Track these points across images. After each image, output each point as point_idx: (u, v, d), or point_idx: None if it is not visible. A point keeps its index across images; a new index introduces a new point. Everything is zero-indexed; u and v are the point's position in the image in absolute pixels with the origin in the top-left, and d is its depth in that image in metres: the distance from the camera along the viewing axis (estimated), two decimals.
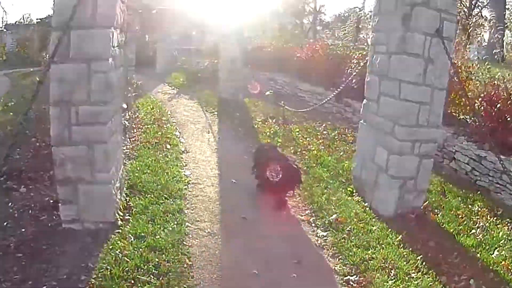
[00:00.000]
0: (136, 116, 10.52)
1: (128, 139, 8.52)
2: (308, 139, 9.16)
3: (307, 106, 12.66)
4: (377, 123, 6.05)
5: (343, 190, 6.54)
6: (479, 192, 6.74)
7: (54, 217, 4.88)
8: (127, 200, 5.57)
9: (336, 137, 9.41)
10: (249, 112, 11.90)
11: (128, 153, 7.55)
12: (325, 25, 55.42)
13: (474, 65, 9.56)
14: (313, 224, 5.48)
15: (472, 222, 5.80)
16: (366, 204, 6.07)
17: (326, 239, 5.10)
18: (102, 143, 4.53)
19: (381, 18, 6.07)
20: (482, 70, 9.40)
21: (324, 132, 9.81)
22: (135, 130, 9.22)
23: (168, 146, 8.11)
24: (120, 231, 4.79)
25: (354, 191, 6.53)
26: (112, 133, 4.73)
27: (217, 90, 14.41)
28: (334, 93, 8.57)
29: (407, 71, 5.45)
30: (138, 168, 6.66)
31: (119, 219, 5.01)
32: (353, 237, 5.06)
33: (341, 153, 8.27)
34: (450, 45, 5.60)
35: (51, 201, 5.17)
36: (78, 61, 4.28)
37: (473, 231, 5.53)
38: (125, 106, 11.19)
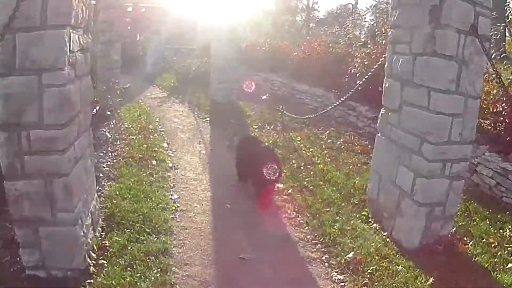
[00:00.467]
0: (120, 125, 9.53)
1: (110, 154, 7.55)
2: (311, 149, 8.21)
3: (306, 109, 11.84)
4: (398, 138, 5.11)
5: (357, 216, 5.61)
6: (508, 212, 5.83)
7: (19, 259, 3.92)
8: (103, 237, 4.60)
9: (342, 146, 8.47)
10: (245, 118, 10.94)
11: (108, 172, 6.58)
12: (318, 22, 54.92)
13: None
14: (326, 264, 4.53)
15: (506, 252, 4.89)
16: (385, 233, 5.14)
17: (344, 285, 4.16)
18: (62, 176, 3.55)
19: (402, 12, 5.12)
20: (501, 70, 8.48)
21: (329, 140, 8.87)
22: (118, 142, 8.24)
23: (154, 162, 7.14)
24: (91, 281, 3.84)
25: (369, 215, 5.61)
26: (75, 162, 3.76)
27: (210, 92, 13.43)
28: (342, 99, 7.58)
29: (437, 77, 4.51)
30: (118, 192, 5.69)
31: (91, 264, 4.06)
32: (376, 283, 4.12)
33: (350, 167, 7.34)
34: (486, 45, 4.66)
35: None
36: (26, 72, 3.30)
37: (510, 264, 4.62)
38: (109, 113, 10.25)
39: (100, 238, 4.54)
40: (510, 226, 5.47)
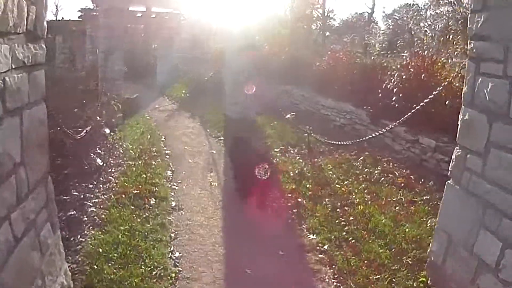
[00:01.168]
0: (119, 146, 8.19)
1: (100, 186, 6.19)
2: (346, 182, 6.76)
3: (333, 127, 10.50)
4: (482, 191, 3.63)
5: (414, 284, 4.15)
6: None
7: None
8: None
9: (381, 178, 6.98)
10: (264, 137, 9.52)
11: (94, 213, 5.22)
12: (333, 30, 54.01)
13: None
14: None
15: None
16: None
17: None
18: None
19: (491, 17, 3.65)
20: None
21: (365, 170, 7.39)
22: (113, 170, 6.89)
23: (153, 201, 5.74)
24: None
25: (429, 283, 4.16)
26: (12, 245, 2.37)
27: (224, 106, 12.10)
28: (393, 125, 6.16)
29: None
30: (101, 250, 4.30)
31: None
32: None
33: (396, 207, 5.86)
34: None
35: None
36: None
37: None
38: (107, 131, 8.93)
39: None
40: None
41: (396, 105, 8.65)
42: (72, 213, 5.03)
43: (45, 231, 2.90)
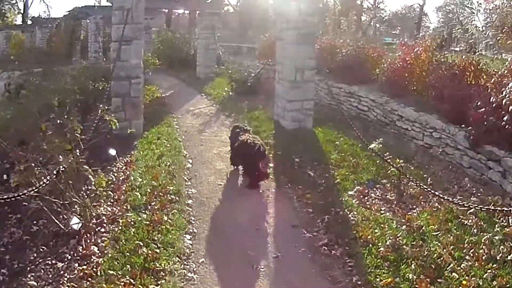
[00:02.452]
0: (124, 178, 5.63)
1: (69, 270, 3.62)
2: (464, 264, 3.86)
3: (414, 147, 7.63)
4: None
5: None
6: None
7: None
8: None
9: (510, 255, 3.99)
10: (329, 167, 6.69)
11: None
12: (383, 22, 51.92)
13: None
14: None
15: None
16: None
17: None
18: None
19: None
20: None
21: (481, 233, 4.45)
22: (101, 230, 4.30)
23: None
24: None
25: None
26: None
27: (274, 112, 9.37)
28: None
29: None
30: None
31: None
32: None
33: None
34: None
35: None
36: None
37: None
38: (113, 153, 6.42)
39: None
40: None
41: (507, 126, 5.90)
42: None
43: None
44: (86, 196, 4.31)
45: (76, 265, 3.76)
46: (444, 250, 4.19)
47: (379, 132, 9.01)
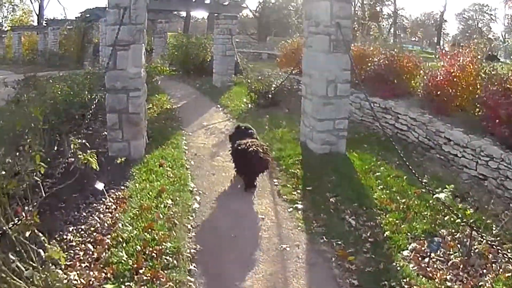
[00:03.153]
0: (110, 225, 4.30)
1: None
2: None
3: (467, 177, 6.99)
4: None
5: None
6: None
7: None
8: None
9: None
10: (371, 207, 5.25)
11: None
12: (403, 29, 51.45)
13: None
14: None
15: None
16: None
17: None
18: None
19: None
20: None
21: None
22: None
23: None
24: None
25: None
26: None
27: (301, 131, 7.96)
28: None
29: None
30: None
31: None
32: None
33: None
34: None
35: None
36: None
37: None
38: (100, 186, 5.10)
39: None
40: None
41: None
42: None
43: None
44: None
45: None
46: None
47: (422, 157, 7.63)
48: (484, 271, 4.06)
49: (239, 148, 5.77)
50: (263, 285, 3.79)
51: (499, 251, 3.80)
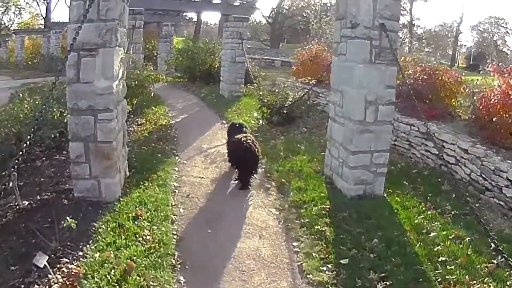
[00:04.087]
0: None
1: None
2: None
3: None
4: None
5: None
6: None
7: None
8: None
9: None
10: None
11: None
12: (419, 39, 50.45)
13: None
14: None
15: None
16: None
17: None
18: None
19: None
20: None
21: None
22: None
23: None
24: None
25: None
26: None
27: (326, 164, 6.22)
28: None
29: None
30: None
31: None
32: None
33: None
34: None
35: None
36: None
37: None
38: (42, 262, 3.31)
39: None
40: None
41: None
42: None
43: None
44: None
45: None
46: None
47: (477, 201, 5.85)
48: None
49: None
50: None
51: None
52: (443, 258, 4.10)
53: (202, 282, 3.69)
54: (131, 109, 9.31)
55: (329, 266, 3.96)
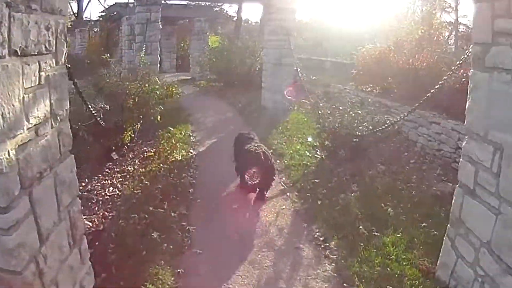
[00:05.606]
0: None
1: None
2: None
3: None
4: None
5: None
6: None
7: None
8: None
9: None
10: None
11: None
12: (466, 38, 46.07)
13: None
14: None
15: None
16: None
17: None
18: None
19: None
20: None
21: None
22: None
23: None
24: None
25: None
26: None
27: (444, 256, 3.32)
28: None
29: None
30: None
31: None
32: None
33: None
34: None
35: None
36: None
37: None
38: None
39: None
40: None
41: None
42: None
43: None
44: None
45: None
46: None
47: None
48: None
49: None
50: None
51: None
52: None
53: None
54: (130, 137, 6.76)
55: None
